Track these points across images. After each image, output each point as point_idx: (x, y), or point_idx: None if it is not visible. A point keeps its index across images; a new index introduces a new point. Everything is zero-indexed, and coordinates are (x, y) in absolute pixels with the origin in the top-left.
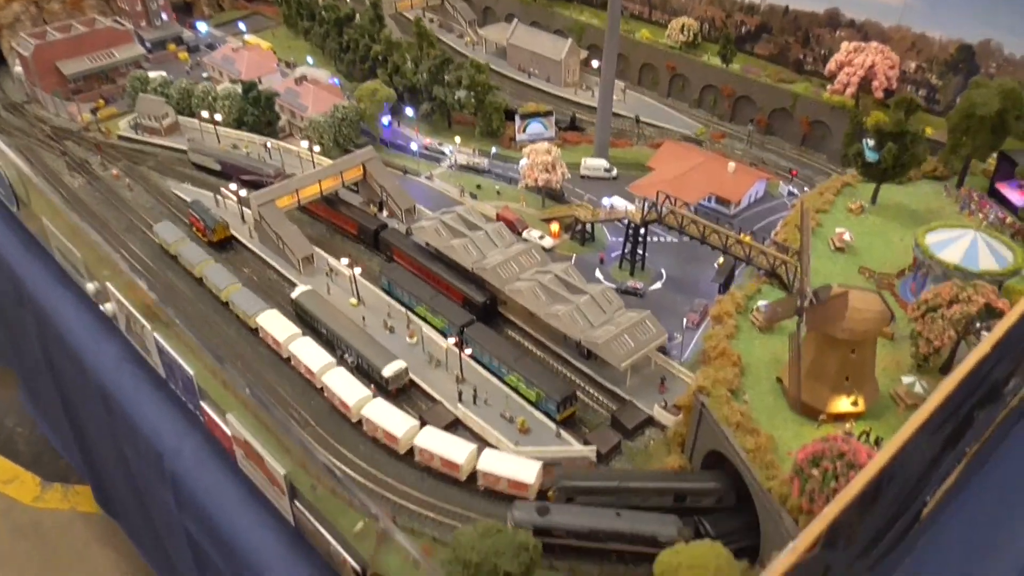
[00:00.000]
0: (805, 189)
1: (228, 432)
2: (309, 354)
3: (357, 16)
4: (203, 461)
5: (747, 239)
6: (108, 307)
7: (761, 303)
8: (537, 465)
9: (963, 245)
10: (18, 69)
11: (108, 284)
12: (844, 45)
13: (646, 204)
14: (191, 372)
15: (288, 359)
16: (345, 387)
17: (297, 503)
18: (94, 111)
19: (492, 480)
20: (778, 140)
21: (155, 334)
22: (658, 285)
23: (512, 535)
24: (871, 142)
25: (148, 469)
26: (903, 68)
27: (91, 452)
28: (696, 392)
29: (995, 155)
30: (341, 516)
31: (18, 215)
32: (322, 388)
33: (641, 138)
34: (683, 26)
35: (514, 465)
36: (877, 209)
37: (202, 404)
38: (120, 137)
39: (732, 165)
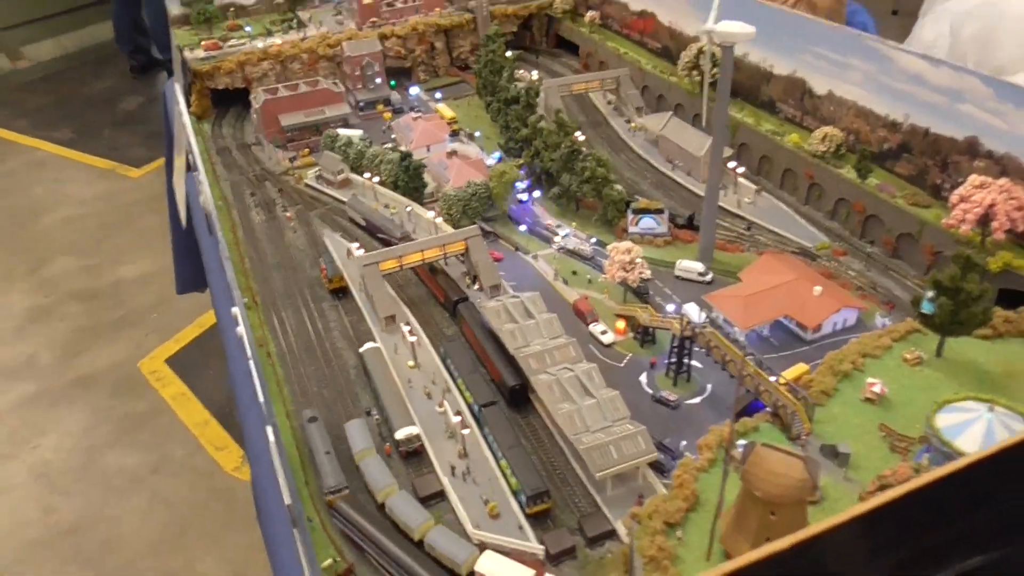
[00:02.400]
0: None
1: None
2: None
3: (520, 100)
4: (270, 474)
5: (787, 376)
6: (239, 331)
7: (741, 442)
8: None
9: (964, 417)
10: (254, 116)
11: (238, 313)
12: (971, 179)
13: (684, 318)
14: (261, 399)
15: None
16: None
17: (296, 532)
18: (293, 159)
19: None
20: (903, 265)
21: (250, 363)
22: (697, 400)
23: None
24: (931, 293)
25: (253, 470)
26: None
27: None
28: (631, 518)
29: None
30: (321, 551)
31: (215, 240)
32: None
33: (754, 245)
34: (825, 136)
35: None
36: (941, 363)
37: (268, 429)
38: (306, 185)
39: (819, 289)
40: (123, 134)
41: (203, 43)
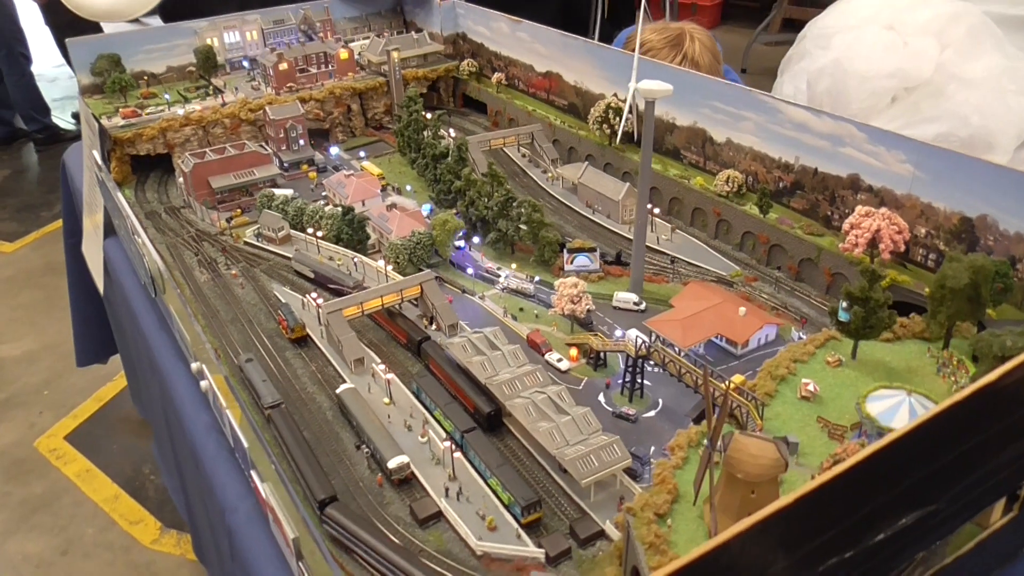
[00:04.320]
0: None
1: (264, 498)
2: None
3: (449, 155)
4: (252, 520)
5: (734, 382)
6: (203, 384)
7: (705, 440)
8: None
9: (889, 403)
10: (180, 180)
11: (204, 366)
12: (858, 209)
13: (638, 340)
14: (246, 445)
15: None
16: None
17: (301, 565)
18: (229, 219)
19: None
20: (806, 287)
21: (228, 412)
22: (652, 413)
23: None
24: (845, 303)
25: (216, 522)
26: (915, 233)
27: (191, 503)
28: (625, 512)
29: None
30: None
31: (157, 300)
32: None
33: (677, 276)
34: (728, 177)
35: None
36: (856, 364)
37: (251, 473)
38: (245, 243)
39: (743, 310)
40: None
41: (121, 111)
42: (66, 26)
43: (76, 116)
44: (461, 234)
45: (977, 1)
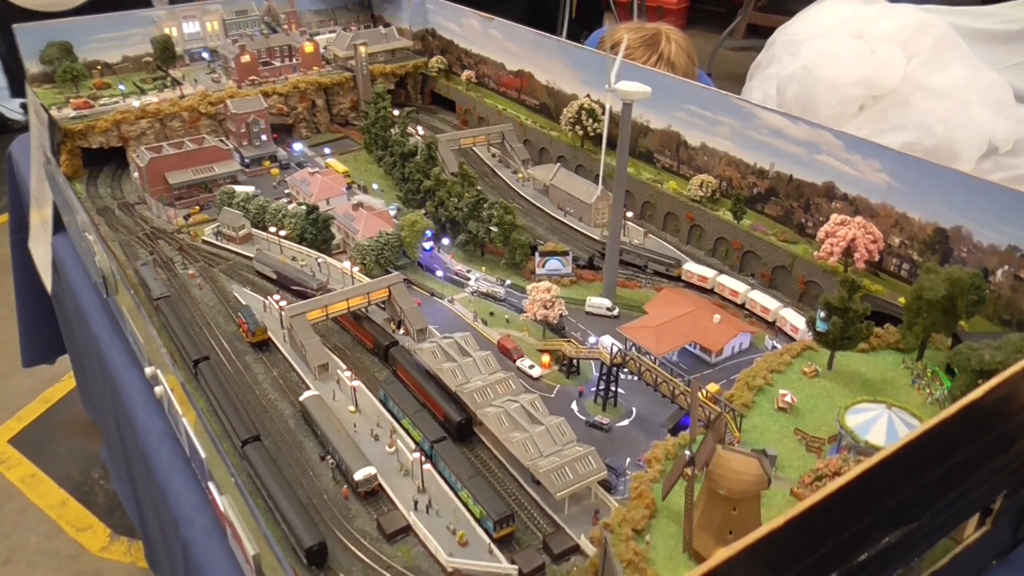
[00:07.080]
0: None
1: (222, 511)
2: None
3: (418, 153)
4: (209, 534)
5: (709, 391)
6: (158, 390)
7: (687, 452)
8: None
9: (869, 417)
10: (135, 175)
11: (159, 371)
12: (833, 217)
13: (613, 348)
14: (203, 455)
15: None
16: None
17: None
18: (187, 216)
19: None
20: (779, 294)
21: (183, 419)
22: (626, 422)
23: None
24: (823, 313)
25: (170, 533)
26: (889, 242)
27: (143, 511)
28: (603, 528)
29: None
30: None
31: (109, 301)
32: None
33: (650, 281)
34: (702, 182)
35: None
36: (832, 375)
37: (209, 485)
38: (204, 241)
39: (718, 317)
40: None
41: (72, 101)
42: (9, 13)
43: (25, 106)
44: (430, 235)
45: (943, 13)
